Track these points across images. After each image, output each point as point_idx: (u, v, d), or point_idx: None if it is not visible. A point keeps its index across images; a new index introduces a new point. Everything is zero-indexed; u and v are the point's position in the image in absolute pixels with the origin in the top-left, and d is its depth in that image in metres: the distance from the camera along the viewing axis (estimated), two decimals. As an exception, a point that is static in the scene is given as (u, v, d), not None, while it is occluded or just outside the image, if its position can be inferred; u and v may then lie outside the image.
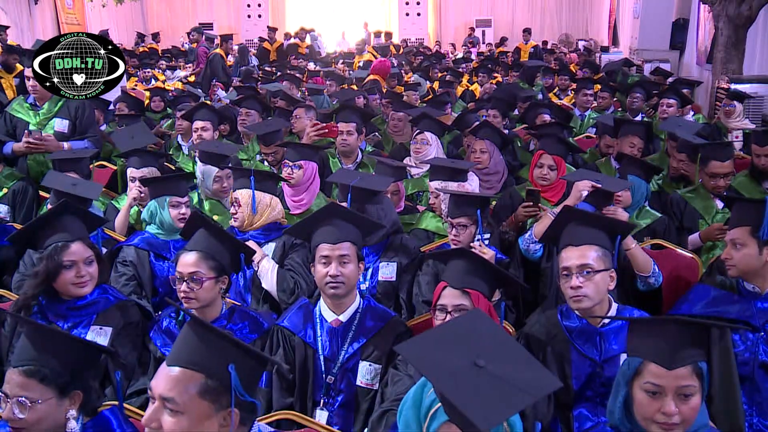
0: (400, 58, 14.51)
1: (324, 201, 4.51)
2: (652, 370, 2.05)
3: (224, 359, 1.82)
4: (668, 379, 2.03)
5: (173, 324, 3.10)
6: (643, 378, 2.07)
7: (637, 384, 2.09)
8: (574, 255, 2.77)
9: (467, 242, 3.64)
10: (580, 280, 2.72)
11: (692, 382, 2.03)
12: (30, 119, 5.21)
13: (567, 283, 2.76)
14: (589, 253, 2.77)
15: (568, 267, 2.76)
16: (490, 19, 22.94)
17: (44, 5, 18.20)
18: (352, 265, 2.93)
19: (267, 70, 12.61)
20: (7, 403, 2.13)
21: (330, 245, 2.93)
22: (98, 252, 3.18)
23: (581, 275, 2.73)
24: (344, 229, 2.96)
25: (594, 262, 2.75)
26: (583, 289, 2.72)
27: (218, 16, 23.25)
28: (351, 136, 5.32)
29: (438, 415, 1.87)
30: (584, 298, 2.73)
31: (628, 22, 17.22)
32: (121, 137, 5.29)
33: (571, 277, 2.74)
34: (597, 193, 3.71)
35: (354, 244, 2.96)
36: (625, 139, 5.33)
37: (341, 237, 2.94)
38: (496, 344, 1.87)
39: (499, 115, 6.72)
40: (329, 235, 2.95)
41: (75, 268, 3.06)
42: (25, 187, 4.79)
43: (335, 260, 2.90)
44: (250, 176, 3.85)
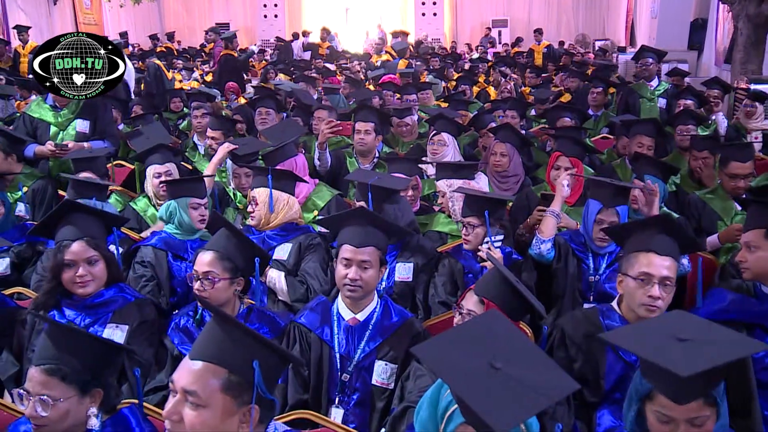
0: (418, 59, 14.46)
1: (328, 192, 4.55)
2: (662, 401, 2.02)
3: (248, 355, 1.83)
4: (679, 411, 2.01)
5: (191, 322, 3.13)
6: (654, 404, 2.05)
7: (649, 406, 2.07)
8: (659, 264, 2.73)
9: (476, 243, 3.65)
10: (660, 292, 2.70)
11: (704, 412, 2.00)
12: (51, 120, 5.24)
13: (643, 289, 2.72)
14: (670, 265, 2.75)
15: (651, 274, 2.72)
16: (507, 19, 22.86)
17: (63, 6, 18.36)
18: (373, 271, 2.92)
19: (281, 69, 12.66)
20: (30, 401, 2.15)
21: (353, 248, 2.92)
22: (105, 252, 3.16)
23: (663, 287, 2.71)
24: (370, 233, 2.94)
25: (673, 276, 2.74)
26: (661, 301, 2.71)
27: (234, 16, 23.33)
28: (369, 135, 5.34)
29: (455, 417, 1.87)
30: (658, 310, 2.72)
31: (645, 21, 17.11)
32: (138, 139, 5.32)
33: (653, 286, 2.71)
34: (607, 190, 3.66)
35: (378, 249, 2.94)
36: (634, 139, 5.31)
37: (365, 241, 2.92)
38: (513, 346, 1.87)
39: (517, 116, 6.71)
40: (354, 238, 2.93)
41: (75, 267, 3.07)
42: (45, 185, 4.83)
43: (356, 264, 2.90)
44: (268, 174, 3.87)
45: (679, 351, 1.87)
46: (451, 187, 4.21)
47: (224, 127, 5.71)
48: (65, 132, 5.21)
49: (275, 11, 23.44)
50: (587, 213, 3.66)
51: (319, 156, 5.27)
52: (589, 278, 3.60)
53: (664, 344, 1.92)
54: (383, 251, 2.98)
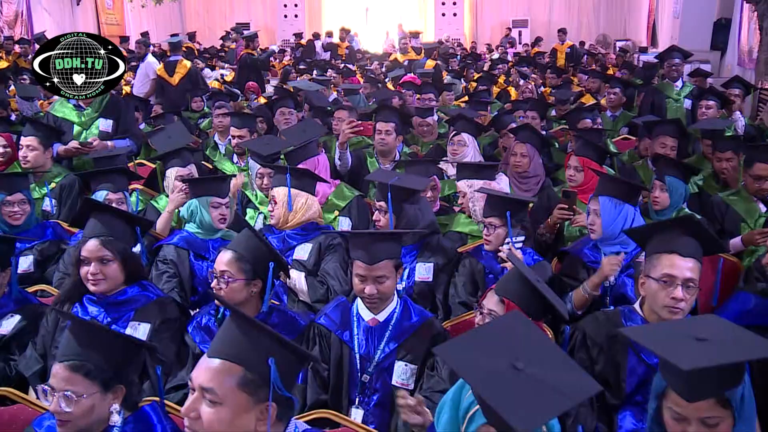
0: (438, 59, 14.44)
1: (348, 192, 4.56)
2: (674, 399, 2.01)
3: (264, 352, 1.84)
4: (689, 409, 1.99)
5: (212, 321, 3.14)
6: (668, 401, 2.04)
7: (664, 404, 2.06)
8: (682, 265, 2.70)
9: (497, 243, 3.63)
10: (684, 294, 2.68)
11: (716, 413, 1.98)
12: (74, 119, 5.28)
13: (666, 291, 2.70)
14: (693, 266, 2.71)
15: (674, 276, 2.69)
16: (527, 19, 22.77)
17: (86, 6, 18.53)
18: (389, 281, 2.92)
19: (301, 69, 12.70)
20: (54, 396, 2.17)
21: (366, 266, 2.92)
22: (123, 253, 3.14)
23: (686, 288, 2.68)
24: (381, 248, 2.93)
25: (697, 278, 2.71)
26: (684, 303, 2.68)
27: (255, 16, 23.42)
28: (389, 135, 5.34)
29: (476, 418, 1.87)
30: (681, 312, 2.69)
31: (667, 21, 16.96)
32: (159, 139, 5.36)
33: (676, 288, 2.68)
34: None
35: (391, 258, 2.94)
36: (657, 140, 5.27)
37: (377, 257, 2.91)
38: (535, 347, 1.87)
39: (538, 117, 6.69)
40: (365, 255, 2.92)
41: (88, 264, 3.09)
42: (72, 182, 4.86)
43: (371, 281, 2.91)
44: (286, 173, 3.88)
45: (692, 348, 1.86)
46: (472, 187, 4.20)
47: (248, 124, 5.71)
48: (88, 131, 5.24)
49: (295, 11, 23.50)
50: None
51: (340, 156, 5.28)
52: (604, 282, 3.58)
53: (679, 342, 1.92)
54: (397, 256, 2.98)
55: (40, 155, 4.83)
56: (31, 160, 4.80)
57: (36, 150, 4.81)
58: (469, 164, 4.57)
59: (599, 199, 3.64)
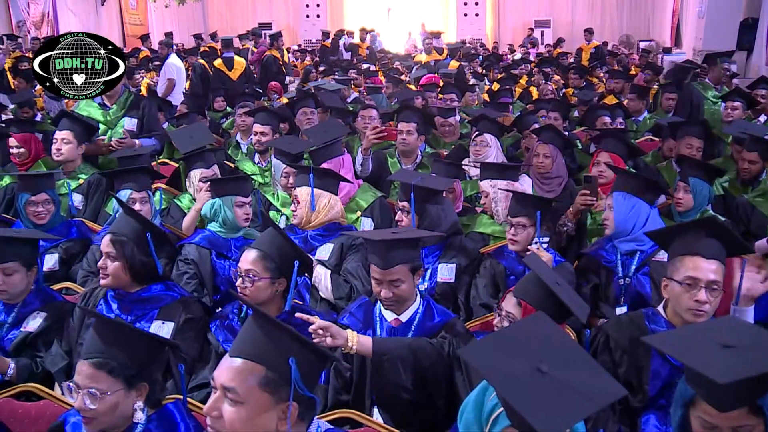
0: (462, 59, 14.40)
1: (371, 193, 4.55)
2: (704, 408, 1.97)
3: (285, 352, 1.84)
4: (721, 419, 1.95)
5: (236, 320, 3.16)
6: (697, 410, 2.00)
7: (693, 413, 2.02)
8: (706, 268, 2.67)
9: (525, 243, 3.60)
10: (707, 296, 2.65)
11: (749, 421, 1.94)
12: (99, 118, 5.32)
13: (689, 294, 2.67)
14: (716, 268, 2.68)
15: (697, 278, 2.66)
16: (549, 19, 22.67)
17: (110, 6, 18.73)
18: (405, 285, 2.90)
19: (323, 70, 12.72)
20: (79, 393, 2.19)
21: (380, 270, 2.91)
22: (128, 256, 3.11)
23: (710, 291, 2.66)
24: (395, 253, 2.90)
25: (721, 280, 2.68)
26: (708, 305, 2.66)
27: (277, 16, 23.51)
28: (411, 136, 5.33)
29: (500, 420, 1.86)
30: (705, 314, 2.67)
31: (692, 21, 16.81)
32: (181, 138, 5.40)
33: (699, 290, 2.65)
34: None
35: (407, 263, 2.90)
36: (683, 140, 5.22)
37: (391, 262, 2.90)
38: (560, 349, 1.85)
39: (560, 118, 6.65)
40: (379, 260, 2.92)
41: (101, 257, 3.15)
42: (100, 179, 4.91)
43: (386, 285, 2.90)
44: (310, 173, 3.88)
45: (722, 357, 1.83)
46: (495, 187, 4.18)
47: (272, 122, 5.69)
48: (113, 130, 5.29)
49: (317, 11, 23.57)
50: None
51: (362, 162, 5.25)
52: (619, 281, 3.56)
53: (706, 350, 1.88)
54: (413, 260, 2.94)
55: (74, 150, 4.91)
56: (64, 153, 4.89)
57: (70, 144, 4.90)
58: (493, 164, 4.56)
59: (613, 195, 3.65)
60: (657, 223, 3.58)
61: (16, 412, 2.69)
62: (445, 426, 2.75)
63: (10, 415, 2.63)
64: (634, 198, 3.59)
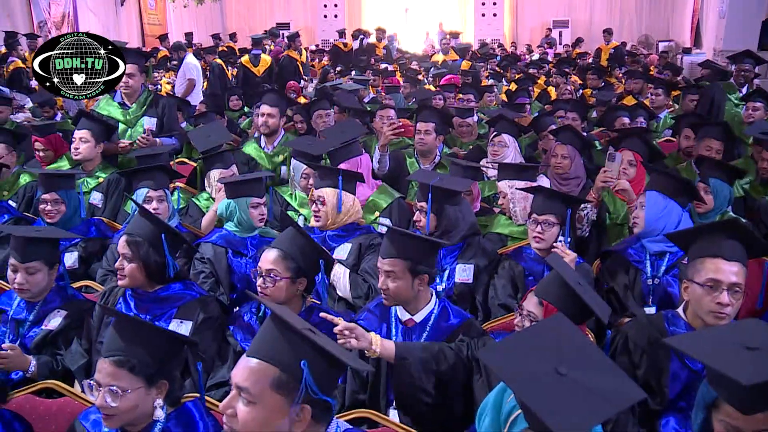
0: (479, 60, 14.38)
1: (390, 193, 4.54)
2: (728, 411, 1.94)
3: (299, 355, 1.84)
4: (745, 422, 1.92)
5: (254, 319, 3.18)
6: (720, 413, 1.97)
7: (715, 416, 2.00)
8: (728, 270, 2.65)
9: (551, 241, 3.57)
10: (729, 299, 2.63)
11: None
12: (119, 117, 5.35)
13: (711, 296, 2.66)
14: (738, 270, 2.67)
15: (719, 281, 2.65)
16: (568, 20, 22.54)
17: (129, 7, 18.86)
18: (401, 282, 2.89)
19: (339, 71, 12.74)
20: (100, 391, 2.21)
21: (381, 258, 2.95)
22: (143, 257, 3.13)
23: (731, 293, 2.64)
24: (395, 245, 2.92)
25: (743, 282, 2.66)
26: (730, 308, 2.64)
27: (295, 16, 23.54)
28: (429, 135, 5.33)
29: (518, 422, 1.85)
30: (727, 317, 2.65)
31: (712, 21, 16.66)
32: (198, 136, 5.42)
33: (721, 293, 2.64)
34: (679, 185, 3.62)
35: (405, 259, 2.89)
36: (702, 142, 5.18)
37: (388, 252, 2.92)
38: (579, 351, 1.84)
39: (578, 118, 6.62)
40: (383, 249, 2.97)
41: (119, 257, 3.18)
42: (118, 178, 4.95)
43: (383, 274, 2.92)
44: (338, 176, 3.89)
45: (746, 359, 1.82)
46: (513, 188, 4.17)
47: (282, 104, 5.68)
48: (133, 129, 5.32)
49: (335, 11, 23.59)
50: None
51: (379, 159, 5.26)
52: (647, 281, 3.53)
53: (730, 352, 1.87)
54: (414, 259, 2.90)
55: (92, 149, 4.95)
56: (82, 152, 4.94)
57: (88, 143, 4.95)
58: (511, 165, 4.55)
59: (647, 193, 3.64)
60: (688, 225, 3.54)
61: (37, 408, 2.71)
62: (462, 427, 2.75)
63: (32, 412, 2.66)
64: (667, 199, 3.57)
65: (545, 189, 3.84)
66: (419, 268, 2.90)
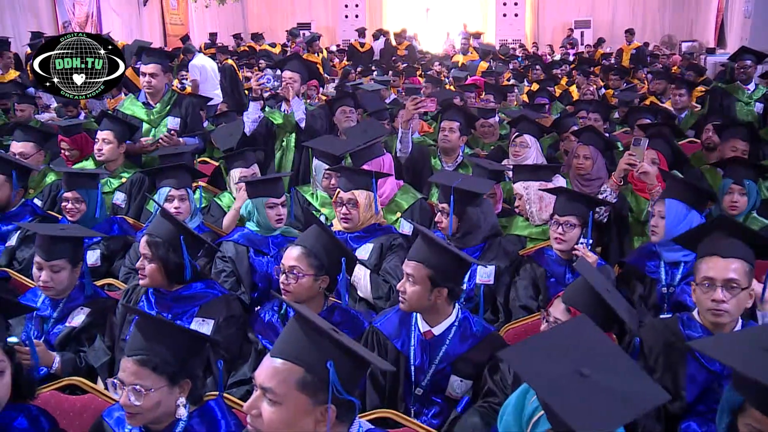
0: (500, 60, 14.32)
1: (412, 194, 4.54)
2: (754, 415, 1.92)
3: (324, 355, 1.84)
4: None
5: (276, 317, 3.18)
6: (746, 417, 1.94)
7: (741, 420, 1.97)
8: (721, 266, 2.65)
9: (572, 243, 3.57)
10: (724, 295, 2.62)
11: None
12: (143, 117, 5.39)
13: (707, 294, 2.66)
14: (736, 267, 2.65)
15: (712, 278, 2.65)
16: (589, 20, 22.38)
17: (152, 7, 18.98)
18: (418, 287, 2.83)
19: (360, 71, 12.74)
20: (123, 390, 2.23)
21: (407, 260, 2.92)
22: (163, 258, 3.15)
23: (726, 289, 2.63)
24: (423, 251, 2.88)
25: (741, 278, 2.64)
26: (726, 304, 2.62)
27: (316, 16, 23.57)
28: (453, 134, 5.32)
29: (541, 423, 1.85)
30: (725, 314, 2.64)
31: (737, 22, 16.48)
32: (220, 136, 5.43)
33: (715, 290, 2.63)
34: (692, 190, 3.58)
35: (430, 268, 2.83)
36: (727, 143, 5.13)
37: (415, 256, 2.89)
38: (602, 353, 1.83)
39: (600, 119, 6.58)
40: (411, 251, 2.94)
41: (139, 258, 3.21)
42: (142, 178, 4.98)
43: (405, 275, 2.89)
44: (372, 179, 3.89)
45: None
46: (528, 189, 4.16)
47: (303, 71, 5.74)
48: (157, 129, 5.35)
49: (356, 11, 23.60)
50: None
51: (401, 137, 5.20)
52: (662, 289, 3.50)
53: (756, 355, 1.85)
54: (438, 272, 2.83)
55: (114, 149, 4.99)
56: (105, 153, 4.98)
57: (111, 143, 4.98)
58: (525, 166, 4.54)
59: (666, 202, 3.55)
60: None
61: (61, 404, 2.74)
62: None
63: (57, 408, 2.68)
64: (689, 208, 3.51)
65: (567, 190, 3.82)
66: (440, 279, 2.84)
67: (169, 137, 5.17)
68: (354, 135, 5.01)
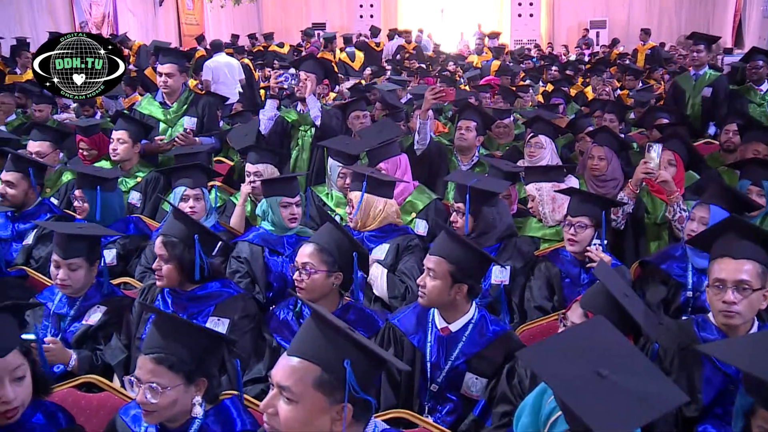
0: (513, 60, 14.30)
1: (427, 195, 4.52)
2: (764, 416, 1.90)
3: (341, 354, 1.84)
4: None
5: (291, 315, 3.19)
6: (758, 419, 1.93)
7: (753, 422, 1.95)
8: (732, 267, 2.62)
9: (585, 244, 3.56)
10: (735, 296, 2.60)
11: None
12: (160, 116, 5.42)
13: (718, 296, 2.64)
14: (748, 268, 2.62)
15: (723, 279, 2.63)
16: (605, 20, 22.30)
17: (168, 7, 19.08)
18: (438, 282, 2.83)
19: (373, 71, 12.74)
20: (140, 388, 2.24)
21: (429, 255, 2.92)
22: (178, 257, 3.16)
23: (737, 291, 2.60)
24: (446, 246, 2.89)
25: (752, 279, 2.61)
26: (738, 306, 2.60)
27: (331, 16, 23.61)
28: (470, 132, 5.34)
29: (558, 424, 1.84)
30: (737, 315, 2.61)
31: (755, 21, 16.38)
32: (235, 135, 5.43)
33: (726, 291, 2.61)
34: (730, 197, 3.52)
35: (452, 264, 2.83)
36: (749, 146, 5.08)
37: (438, 251, 2.89)
38: (620, 354, 1.82)
39: (616, 119, 6.55)
40: (433, 246, 2.94)
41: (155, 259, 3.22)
42: (158, 177, 5.01)
43: (425, 270, 2.89)
44: (363, 180, 3.90)
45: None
46: (541, 190, 4.14)
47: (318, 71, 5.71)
48: (174, 128, 5.37)
49: (371, 11, 23.61)
50: None
51: (419, 128, 5.17)
52: (687, 294, 3.47)
53: (763, 355, 1.85)
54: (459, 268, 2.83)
55: (129, 149, 5.01)
56: (120, 152, 5.00)
57: (126, 143, 5.00)
58: (537, 167, 4.52)
59: (710, 208, 3.47)
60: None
61: (78, 402, 2.75)
62: None
63: (74, 405, 2.69)
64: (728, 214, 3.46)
65: (579, 191, 3.80)
66: (462, 276, 2.84)
67: (185, 136, 5.19)
68: (369, 135, 5.01)
